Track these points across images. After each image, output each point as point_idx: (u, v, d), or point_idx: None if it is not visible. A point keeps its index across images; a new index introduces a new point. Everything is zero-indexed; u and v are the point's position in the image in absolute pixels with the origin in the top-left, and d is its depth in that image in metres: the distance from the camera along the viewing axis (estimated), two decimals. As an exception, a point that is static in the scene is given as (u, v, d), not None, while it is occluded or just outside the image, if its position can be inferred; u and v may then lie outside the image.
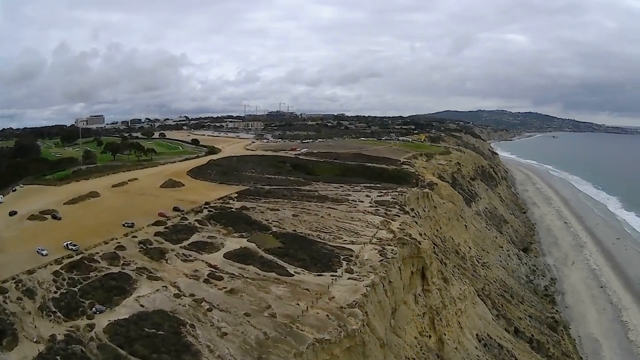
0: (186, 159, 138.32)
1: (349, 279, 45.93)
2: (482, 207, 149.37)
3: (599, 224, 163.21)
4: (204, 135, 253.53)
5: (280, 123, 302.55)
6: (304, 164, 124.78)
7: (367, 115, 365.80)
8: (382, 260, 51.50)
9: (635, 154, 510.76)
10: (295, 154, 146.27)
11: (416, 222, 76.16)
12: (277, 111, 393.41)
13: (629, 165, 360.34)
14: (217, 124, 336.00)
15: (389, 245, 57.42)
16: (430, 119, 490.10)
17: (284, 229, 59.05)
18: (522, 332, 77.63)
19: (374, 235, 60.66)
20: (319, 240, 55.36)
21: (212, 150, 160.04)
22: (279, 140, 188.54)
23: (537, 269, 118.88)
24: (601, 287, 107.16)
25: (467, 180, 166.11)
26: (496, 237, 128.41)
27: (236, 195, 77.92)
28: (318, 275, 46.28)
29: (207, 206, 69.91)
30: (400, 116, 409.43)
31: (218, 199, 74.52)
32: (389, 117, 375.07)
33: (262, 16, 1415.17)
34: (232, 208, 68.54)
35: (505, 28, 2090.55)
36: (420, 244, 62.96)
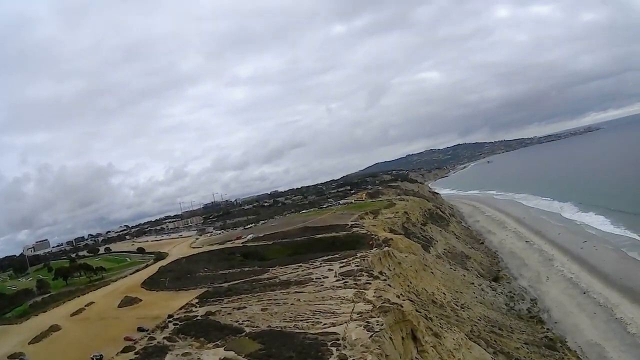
0: (136, 271, 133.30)
1: None
2: (441, 250, 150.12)
3: (560, 234, 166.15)
4: (147, 241, 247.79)
5: (217, 213, 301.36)
6: (254, 251, 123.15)
7: (300, 187, 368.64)
8: (371, 335, 50.09)
9: (573, 156, 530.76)
10: (242, 243, 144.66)
11: (389, 285, 75.44)
12: (212, 202, 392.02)
13: (571, 169, 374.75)
14: (158, 227, 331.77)
15: (372, 317, 56.13)
16: (362, 175, 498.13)
17: (257, 327, 56.48)
18: (524, 360, 76.91)
19: (353, 310, 59.12)
20: (298, 331, 53.28)
21: (160, 256, 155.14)
22: (221, 231, 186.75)
23: (514, 294, 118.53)
24: (584, 293, 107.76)
25: (418, 227, 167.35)
26: (464, 275, 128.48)
27: (197, 300, 74.94)
28: None
29: (171, 319, 66.67)
30: (333, 180, 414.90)
31: (180, 309, 71.43)
32: (322, 183, 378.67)
33: (178, 110, 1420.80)
34: (197, 316, 65.46)
35: (416, 68, 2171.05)
36: (402, 306, 62.10)
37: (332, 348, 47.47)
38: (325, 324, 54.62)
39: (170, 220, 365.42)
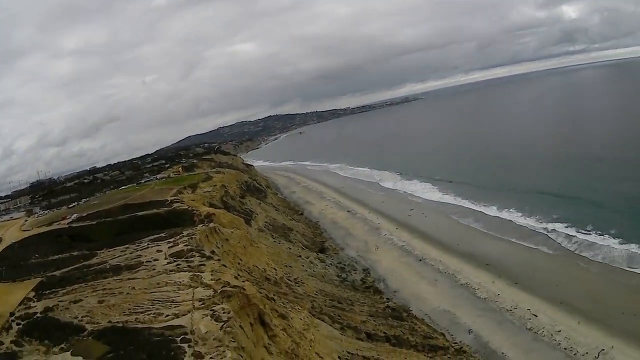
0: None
1: None
2: (262, 223, 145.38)
3: (384, 202, 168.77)
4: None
5: (43, 192, 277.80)
6: (80, 232, 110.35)
7: (116, 162, 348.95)
8: (222, 326, 43.62)
9: (389, 125, 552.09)
10: (67, 223, 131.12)
11: (224, 265, 68.88)
12: (37, 181, 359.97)
13: (386, 138, 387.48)
14: None
15: (216, 304, 49.24)
16: (176, 149, 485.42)
17: (98, 323, 47.31)
18: (375, 333, 73.96)
19: (193, 297, 51.96)
20: (141, 325, 45.07)
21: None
22: (47, 211, 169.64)
23: (345, 265, 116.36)
24: (420, 261, 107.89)
25: (237, 200, 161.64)
26: (289, 248, 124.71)
27: (34, 293, 63.68)
28: None
29: (13, 318, 55.32)
30: (148, 154, 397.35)
31: (20, 305, 59.86)
32: (137, 157, 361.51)
33: (7, 85, 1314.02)
34: (37, 313, 54.00)
35: (232, 40, 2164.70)
36: (244, 289, 56.04)
37: (183, 345, 40.05)
38: (167, 315, 46.71)
39: (1, 201, 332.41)
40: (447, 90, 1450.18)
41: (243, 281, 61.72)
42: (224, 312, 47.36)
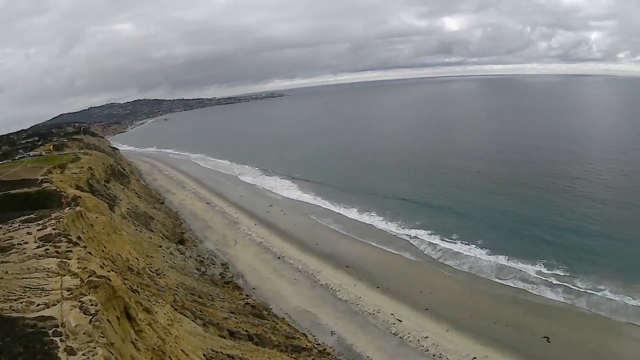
0: None
1: None
2: (125, 209, 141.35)
3: (243, 197, 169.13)
4: None
5: None
6: None
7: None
8: (91, 320, 42.85)
9: (251, 119, 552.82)
10: None
11: (90, 253, 66.99)
12: None
13: (247, 132, 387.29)
14: None
15: (83, 294, 47.92)
16: (49, 126, 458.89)
17: None
18: (237, 331, 74.17)
19: (61, 286, 50.24)
20: (15, 315, 43.28)
21: None
22: None
23: (204, 258, 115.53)
24: (279, 258, 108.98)
25: (102, 184, 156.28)
26: (151, 238, 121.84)
27: None
28: None
29: None
30: (23, 129, 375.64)
31: None
32: (13, 132, 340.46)
33: None
34: None
35: (114, 18, 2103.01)
36: (110, 280, 55.03)
37: (55, 338, 38.77)
38: (39, 305, 44.76)
39: None
40: (315, 89, 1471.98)
41: (108, 271, 60.29)
42: (91, 304, 46.24)
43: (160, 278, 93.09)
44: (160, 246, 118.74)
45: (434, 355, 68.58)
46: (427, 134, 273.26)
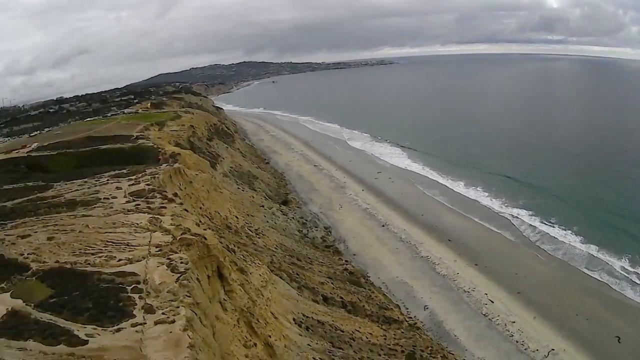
0: None
1: (156, 323, 33.33)
2: (228, 168, 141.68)
3: (352, 161, 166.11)
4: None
5: (6, 119, 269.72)
6: (39, 162, 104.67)
7: (84, 94, 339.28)
8: (178, 278, 39.95)
9: (363, 86, 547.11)
10: (27, 152, 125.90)
11: (186, 210, 65.00)
12: (1, 108, 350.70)
13: (360, 98, 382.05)
14: None
15: (173, 251, 45.58)
16: (146, 85, 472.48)
17: (45, 262, 42.62)
18: (331, 297, 71.98)
19: (150, 242, 47.84)
20: (91, 269, 40.87)
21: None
22: (7, 138, 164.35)
23: (307, 220, 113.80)
24: (383, 226, 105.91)
25: (204, 142, 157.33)
26: (253, 197, 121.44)
27: None
28: (117, 330, 32.70)
29: None
30: (117, 88, 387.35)
31: None
32: (106, 91, 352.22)
33: None
34: None
35: None
36: (205, 238, 52.47)
37: (133, 295, 36.23)
38: (120, 260, 42.65)
39: None
40: (424, 58, 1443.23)
41: (204, 229, 58.21)
42: (181, 262, 43.86)
43: (259, 238, 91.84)
44: (262, 206, 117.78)
45: (517, 342, 65.90)
46: (532, 112, 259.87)
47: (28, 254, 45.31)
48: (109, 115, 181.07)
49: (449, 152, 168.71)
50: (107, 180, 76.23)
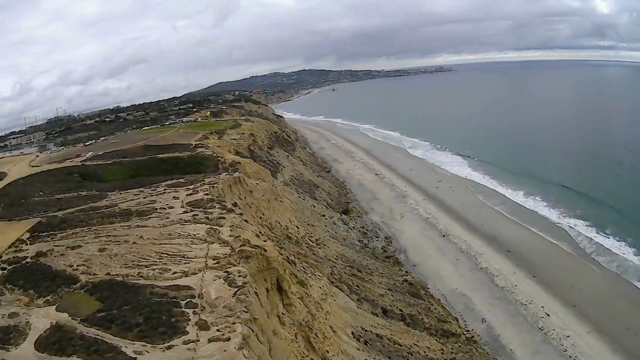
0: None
1: (210, 341, 32.44)
2: (288, 176, 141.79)
3: (413, 170, 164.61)
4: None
5: (60, 129, 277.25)
6: (93, 171, 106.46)
7: (142, 103, 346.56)
8: (235, 292, 39.23)
9: (423, 93, 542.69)
10: (81, 161, 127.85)
11: (246, 221, 64.45)
12: (56, 117, 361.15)
13: (421, 105, 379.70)
14: (1, 144, 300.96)
15: (231, 264, 45.09)
16: (205, 94, 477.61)
17: (95, 275, 42.58)
18: (391, 310, 70.97)
19: (207, 254, 47.31)
20: (143, 282, 40.57)
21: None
22: (62, 148, 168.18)
23: (367, 230, 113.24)
24: (443, 236, 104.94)
25: (265, 150, 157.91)
26: (313, 206, 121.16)
27: (28, 235, 58.32)
28: (168, 348, 32.02)
29: None
30: (175, 97, 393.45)
31: (10, 247, 54.68)
32: (164, 99, 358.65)
33: (29, 24, 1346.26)
34: (27, 258, 49.03)
35: None
36: (265, 250, 51.62)
37: (187, 310, 35.70)
38: (175, 273, 42.26)
39: (14, 136, 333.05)
40: (481, 65, 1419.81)
41: (264, 240, 57.60)
42: (239, 275, 43.27)
43: (319, 248, 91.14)
44: (324, 215, 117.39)
45: (570, 357, 64.87)
46: (589, 121, 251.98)
47: (77, 266, 45.23)
48: (167, 123, 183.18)
49: (508, 161, 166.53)
50: (164, 189, 76.31)
